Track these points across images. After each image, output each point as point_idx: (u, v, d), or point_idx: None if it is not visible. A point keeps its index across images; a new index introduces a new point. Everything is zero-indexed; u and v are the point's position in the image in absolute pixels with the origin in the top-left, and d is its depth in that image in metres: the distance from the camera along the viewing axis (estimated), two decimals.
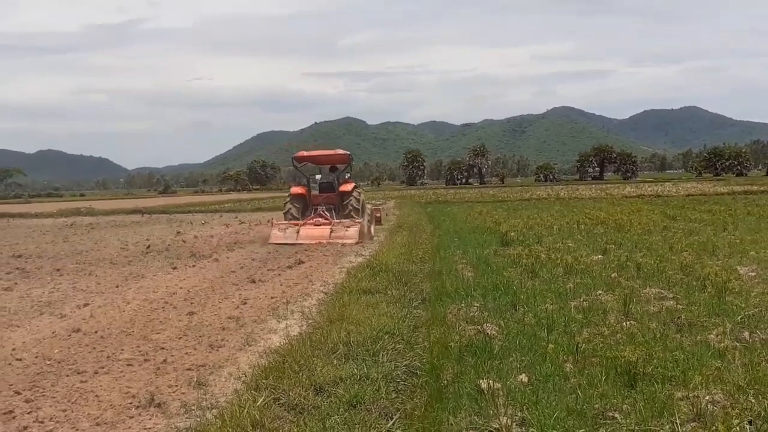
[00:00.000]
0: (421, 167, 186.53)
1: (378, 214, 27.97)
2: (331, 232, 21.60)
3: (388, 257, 14.68)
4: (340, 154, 25.69)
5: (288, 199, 24.23)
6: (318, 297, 11.43)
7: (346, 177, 25.12)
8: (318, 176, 25.46)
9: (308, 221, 22.56)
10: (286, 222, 22.80)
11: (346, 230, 21.57)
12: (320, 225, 22.15)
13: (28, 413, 6.05)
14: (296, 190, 24.33)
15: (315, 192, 24.65)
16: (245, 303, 11.22)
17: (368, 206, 25.63)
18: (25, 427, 5.73)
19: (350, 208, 23.22)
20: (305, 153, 25.37)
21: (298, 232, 21.73)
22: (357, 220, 22.40)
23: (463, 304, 10.03)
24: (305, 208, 23.88)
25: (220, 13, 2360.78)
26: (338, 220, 22.52)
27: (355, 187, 24.24)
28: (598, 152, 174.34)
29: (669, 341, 7.47)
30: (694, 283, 10.99)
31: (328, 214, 23.05)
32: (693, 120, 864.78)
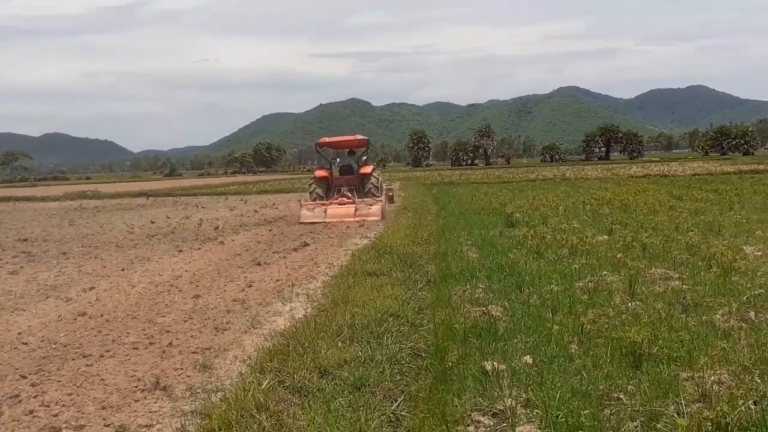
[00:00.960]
0: (427, 148, 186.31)
1: (390, 194, 29.23)
2: (355, 210, 23.34)
3: (392, 239, 14.66)
4: (358, 139, 27.60)
5: (313, 182, 26.29)
6: (323, 279, 11.44)
7: (363, 159, 27.20)
8: (338, 159, 27.71)
9: (333, 201, 24.27)
10: (314, 202, 24.50)
11: (370, 208, 23.44)
12: (345, 204, 23.92)
13: (34, 397, 6.07)
14: (320, 173, 26.35)
15: (336, 174, 26.63)
16: (250, 286, 11.23)
17: (384, 186, 27.55)
18: (31, 411, 5.74)
19: (370, 188, 25.24)
20: (327, 139, 27.55)
21: (325, 211, 23.35)
22: (378, 199, 24.40)
23: (468, 286, 10.02)
24: (328, 189, 25.68)
25: None
26: (361, 199, 24.27)
27: (373, 169, 26.60)
28: (604, 132, 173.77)
29: (674, 322, 7.45)
30: (700, 263, 10.96)
31: (350, 194, 24.79)
32: (700, 99, 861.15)
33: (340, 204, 23.93)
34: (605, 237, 14.72)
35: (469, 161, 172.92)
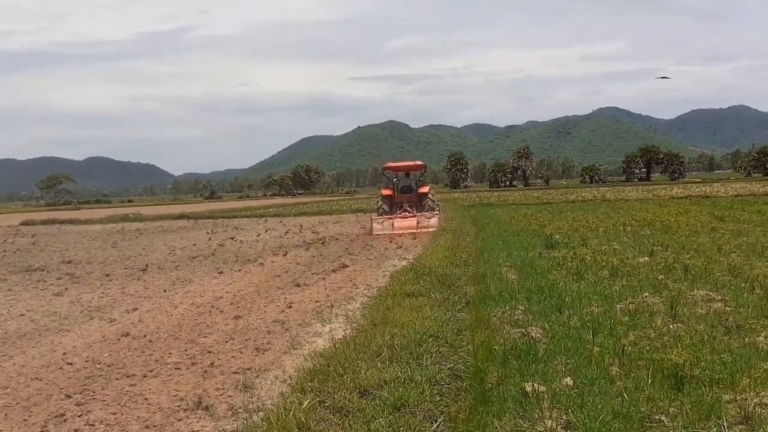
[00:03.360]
0: (465, 170, 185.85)
1: (439, 208, 32.81)
2: (417, 223, 27.40)
3: (431, 260, 14.65)
4: (417, 164, 32.81)
5: (380, 199, 31.34)
6: (362, 300, 11.48)
7: (420, 181, 32.25)
8: (395, 180, 32.06)
9: (398, 216, 28.45)
10: (382, 217, 28.58)
11: (429, 220, 27.54)
12: (407, 218, 28.14)
13: (79, 416, 6.20)
14: (386, 192, 31.20)
15: (398, 193, 31.15)
16: (290, 307, 11.32)
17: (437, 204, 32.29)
18: (76, 430, 5.88)
19: (428, 204, 29.85)
20: (391, 164, 32.99)
21: (392, 224, 27.37)
22: (435, 213, 28.99)
23: (507, 307, 9.99)
24: (392, 205, 30.16)
25: (267, 19, 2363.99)
26: (420, 213, 28.62)
27: (429, 189, 31.62)
28: (644, 153, 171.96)
29: (717, 343, 7.37)
30: (743, 285, 10.82)
31: (410, 209, 29.26)
32: (742, 119, 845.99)
33: (404, 218, 28.08)
34: (646, 258, 14.57)
35: (508, 182, 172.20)
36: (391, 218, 28.02)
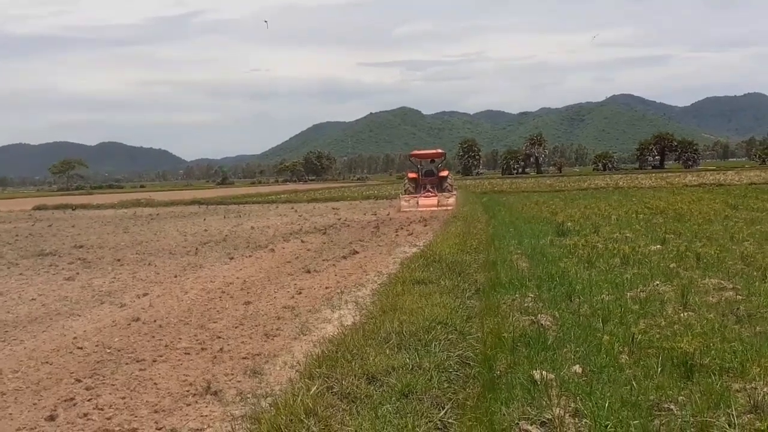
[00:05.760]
0: (477, 157, 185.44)
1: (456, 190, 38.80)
2: (438, 201, 32.38)
3: (441, 248, 14.61)
4: (439, 152, 39.39)
5: (406, 181, 37.92)
6: (372, 287, 11.47)
7: (440, 166, 38.28)
8: (420, 165, 38.29)
9: (421, 195, 33.86)
10: (408, 195, 34.28)
11: (448, 199, 32.66)
12: (429, 197, 33.45)
13: (89, 400, 6.22)
14: (412, 174, 37.40)
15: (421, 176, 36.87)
16: (300, 293, 11.33)
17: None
18: (86, 414, 5.88)
19: (447, 186, 35.72)
20: (417, 151, 40.37)
21: (417, 202, 32.64)
22: (452, 193, 34.53)
23: (517, 295, 9.97)
24: (416, 186, 36.02)
25: (278, 4, 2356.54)
26: (440, 193, 34.12)
27: (448, 173, 37.90)
28: (658, 140, 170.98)
29: (727, 332, 7.33)
30: (755, 274, 10.74)
31: (432, 190, 34.63)
32: (758, 107, 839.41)
33: (426, 197, 33.26)
34: (658, 246, 14.50)
35: (520, 170, 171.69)
36: (416, 197, 33.50)
